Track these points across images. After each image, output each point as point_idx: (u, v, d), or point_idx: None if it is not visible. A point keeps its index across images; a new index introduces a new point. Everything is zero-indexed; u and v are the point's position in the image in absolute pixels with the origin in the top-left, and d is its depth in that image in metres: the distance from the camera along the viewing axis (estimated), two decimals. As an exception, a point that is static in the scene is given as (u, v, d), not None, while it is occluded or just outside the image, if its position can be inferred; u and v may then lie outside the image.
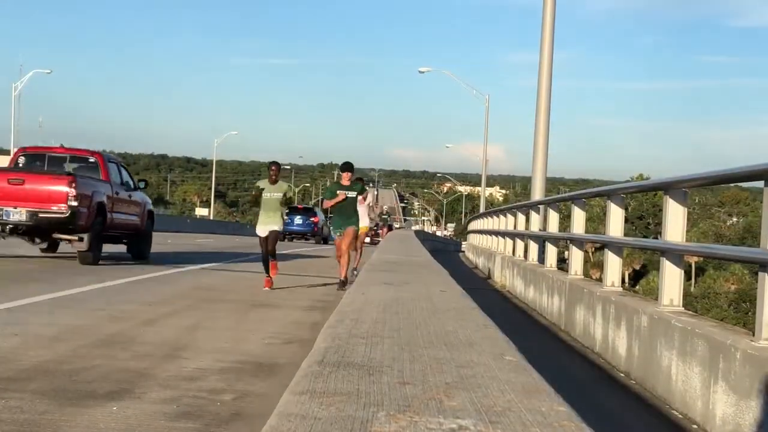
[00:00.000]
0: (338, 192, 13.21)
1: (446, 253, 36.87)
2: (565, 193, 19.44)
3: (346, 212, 13.33)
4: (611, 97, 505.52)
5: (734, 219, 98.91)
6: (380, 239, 34.73)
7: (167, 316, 9.11)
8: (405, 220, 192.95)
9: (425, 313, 5.54)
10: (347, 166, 13.38)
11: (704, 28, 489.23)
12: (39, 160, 16.23)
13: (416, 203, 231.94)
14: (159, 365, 6.35)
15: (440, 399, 2.88)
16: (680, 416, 6.35)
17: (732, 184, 33.80)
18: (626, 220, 14.39)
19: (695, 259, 56.95)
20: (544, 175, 19.82)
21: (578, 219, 11.49)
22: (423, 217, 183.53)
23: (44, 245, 16.79)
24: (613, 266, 9.38)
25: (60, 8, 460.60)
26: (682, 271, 7.43)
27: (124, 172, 17.58)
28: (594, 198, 15.17)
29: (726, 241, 70.70)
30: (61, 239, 15.30)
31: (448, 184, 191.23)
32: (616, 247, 9.45)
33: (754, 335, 5.55)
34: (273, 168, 13.02)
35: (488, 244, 25.07)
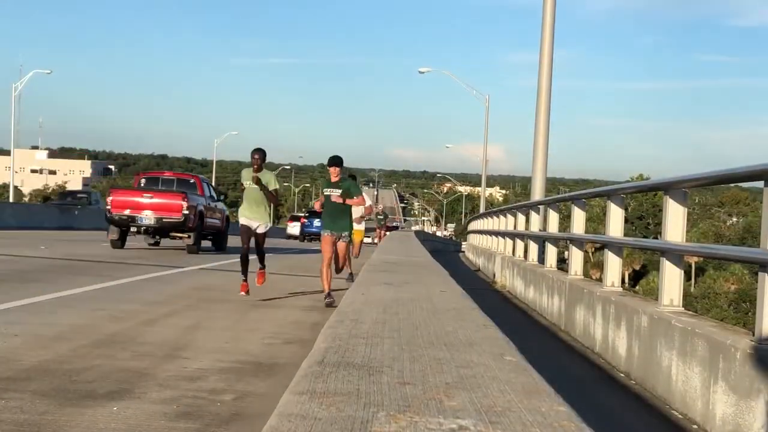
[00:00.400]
0: (324, 191, 11.64)
1: (446, 253, 36.86)
2: (565, 193, 19.45)
3: (333, 213, 11.50)
4: (611, 97, 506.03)
5: (734, 219, 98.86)
6: (377, 241, 34.28)
7: (167, 316, 9.11)
8: (405, 220, 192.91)
9: (425, 313, 5.54)
10: (333, 161, 11.52)
11: (704, 28, 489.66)
12: (155, 182, 22.80)
13: (416, 203, 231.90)
14: (159, 365, 6.36)
15: (440, 399, 2.88)
16: (680, 416, 6.35)
17: (732, 185, 33.81)
18: (626, 221, 14.41)
19: (695, 259, 56.92)
20: (544, 175, 19.81)
21: (578, 219, 11.49)
22: (423, 218, 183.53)
23: (152, 240, 23.27)
24: (613, 266, 9.39)
25: (60, 8, 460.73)
26: (682, 271, 7.43)
27: (210, 188, 23.95)
28: (594, 198, 15.17)
29: (726, 242, 70.68)
30: (176, 237, 21.71)
31: (448, 185, 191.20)
32: (616, 247, 9.45)
33: (754, 335, 5.55)
34: (256, 156, 11.33)
35: (488, 245, 25.07)
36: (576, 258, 11.45)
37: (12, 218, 34.34)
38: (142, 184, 22.66)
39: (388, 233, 39.46)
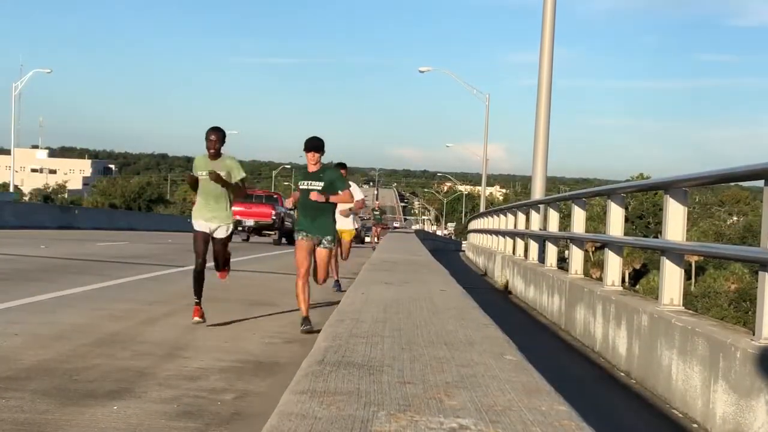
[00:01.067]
0: (300, 184, 9.16)
1: (446, 252, 36.85)
2: (566, 192, 19.43)
3: (312, 212, 9.07)
4: (611, 97, 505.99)
5: (734, 218, 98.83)
6: (376, 241, 34.10)
7: (167, 315, 9.11)
8: (405, 219, 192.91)
9: (425, 312, 5.54)
10: (311, 144, 9.01)
11: (705, 28, 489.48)
12: (250, 197, 31.21)
13: (416, 203, 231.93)
14: (159, 364, 6.36)
15: (440, 398, 2.88)
16: (680, 415, 6.35)
17: (732, 184, 33.76)
18: (626, 220, 14.40)
19: (695, 258, 56.93)
20: (544, 175, 19.80)
21: (578, 218, 11.49)
22: (423, 217, 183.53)
23: (245, 236, 32.28)
24: (614, 265, 9.38)
25: (60, 8, 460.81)
26: (683, 271, 7.42)
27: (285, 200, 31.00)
28: (594, 197, 15.17)
29: (726, 241, 70.68)
30: (267, 234, 32.48)
31: (449, 184, 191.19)
32: (617, 247, 9.45)
33: (754, 334, 5.55)
34: (212, 137, 8.84)
35: (488, 244, 25.07)
36: (576, 257, 11.45)
37: (13, 217, 34.36)
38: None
39: (384, 231, 39.45)
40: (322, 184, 8.97)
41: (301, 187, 9.11)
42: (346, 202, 9.50)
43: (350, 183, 10.76)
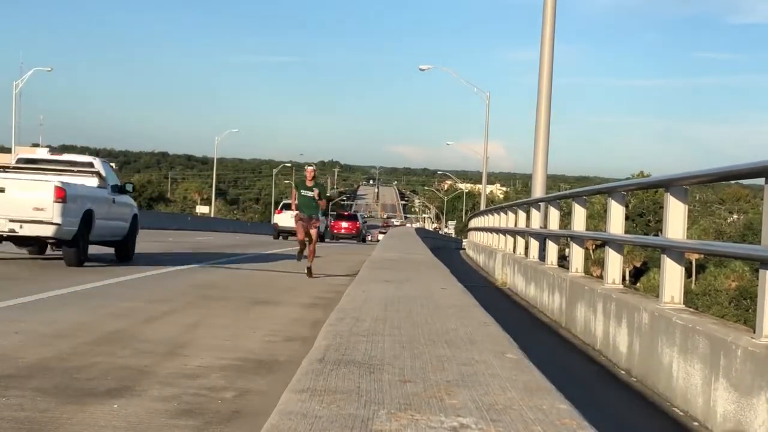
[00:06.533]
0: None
1: (447, 250, 36.84)
2: (566, 190, 19.43)
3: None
4: (612, 94, 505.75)
5: (735, 216, 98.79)
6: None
7: (168, 314, 9.11)
8: (405, 217, 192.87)
9: (426, 310, 5.54)
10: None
11: (705, 25, 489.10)
12: (342, 216, 52.79)
13: (417, 201, 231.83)
14: (160, 363, 6.35)
15: (441, 397, 2.87)
16: (681, 413, 6.35)
17: (733, 182, 33.71)
18: (627, 218, 14.37)
19: (696, 256, 56.91)
20: (544, 173, 19.80)
21: (579, 216, 11.48)
22: (424, 215, 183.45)
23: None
24: (614, 263, 9.38)
25: (61, 6, 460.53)
26: (683, 269, 7.42)
27: (363, 216, 52.20)
28: (595, 195, 15.15)
29: (727, 239, 70.67)
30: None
31: (449, 182, 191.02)
32: (617, 245, 9.45)
33: (755, 332, 5.54)
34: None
35: (489, 242, 25.06)
36: (577, 255, 11.44)
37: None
38: (342, 215, 54.31)
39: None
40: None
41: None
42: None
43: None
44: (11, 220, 13.38)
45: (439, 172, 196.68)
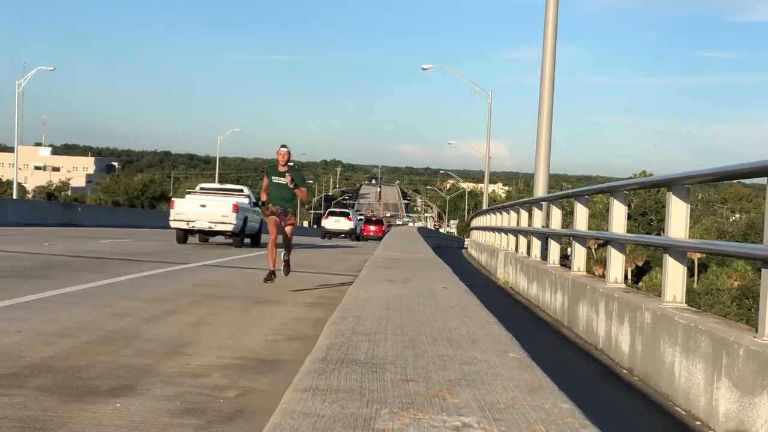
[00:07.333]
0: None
1: (449, 249, 36.84)
2: (568, 189, 19.43)
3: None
4: (614, 94, 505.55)
5: (737, 215, 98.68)
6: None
7: (170, 313, 9.11)
8: (407, 216, 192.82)
9: (428, 310, 5.54)
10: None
11: (707, 24, 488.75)
12: (369, 221, 59.68)
13: (419, 200, 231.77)
14: (162, 362, 6.36)
15: (444, 396, 2.87)
16: (683, 413, 6.35)
17: (735, 181, 33.71)
18: (629, 217, 14.36)
19: (698, 255, 56.85)
20: (546, 172, 19.80)
21: (581, 216, 11.48)
22: (426, 214, 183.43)
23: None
24: (616, 263, 9.38)
25: (63, 6, 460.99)
26: (685, 268, 7.42)
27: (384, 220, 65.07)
28: (597, 194, 15.15)
29: (729, 238, 70.59)
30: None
31: (451, 181, 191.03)
32: (619, 244, 9.44)
33: (757, 332, 5.54)
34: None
35: (491, 241, 25.06)
36: (579, 254, 11.44)
37: (16, 215, 34.39)
38: (371, 219, 61.72)
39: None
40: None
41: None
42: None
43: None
44: (209, 222, 23.60)
45: (441, 172, 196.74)
